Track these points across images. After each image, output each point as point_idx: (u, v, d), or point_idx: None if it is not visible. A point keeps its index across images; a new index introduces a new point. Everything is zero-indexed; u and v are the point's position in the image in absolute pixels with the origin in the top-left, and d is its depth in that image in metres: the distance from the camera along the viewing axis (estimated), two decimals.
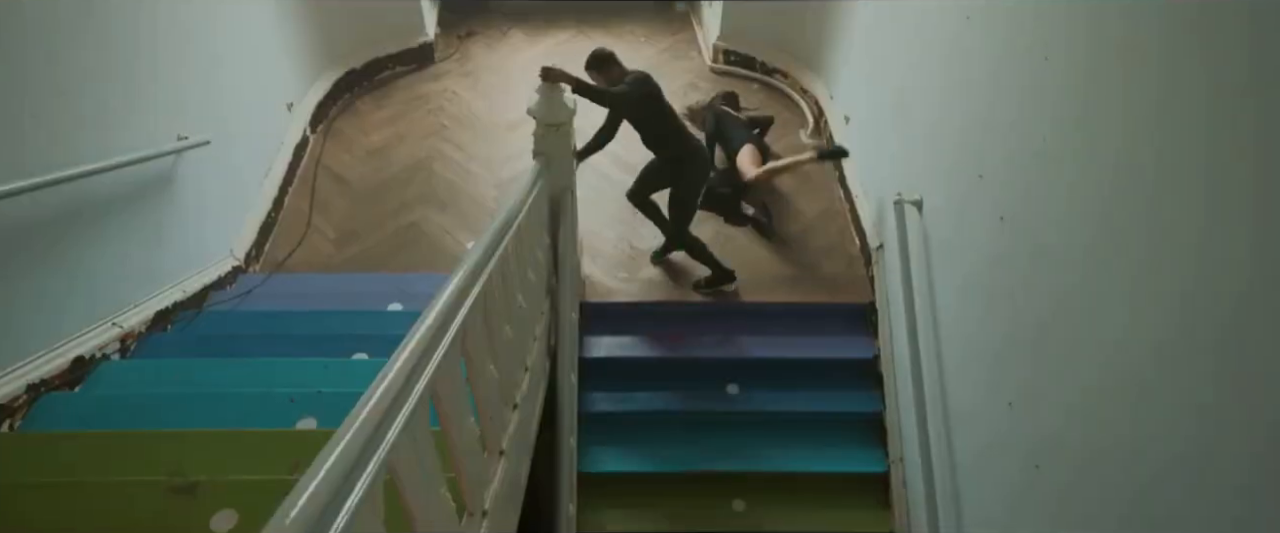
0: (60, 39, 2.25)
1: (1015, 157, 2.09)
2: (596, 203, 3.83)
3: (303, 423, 2.11)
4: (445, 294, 1.30)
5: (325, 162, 4.09)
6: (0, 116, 2.05)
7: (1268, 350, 1.22)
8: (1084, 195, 1.75)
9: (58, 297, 2.31)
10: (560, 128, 2.71)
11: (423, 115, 4.44)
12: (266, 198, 3.64)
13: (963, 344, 2.45)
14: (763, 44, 4.64)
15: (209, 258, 3.16)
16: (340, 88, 4.46)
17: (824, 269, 3.56)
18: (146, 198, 2.72)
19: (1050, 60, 1.88)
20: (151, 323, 2.70)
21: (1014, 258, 2.10)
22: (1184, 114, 1.41)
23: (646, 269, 3.54)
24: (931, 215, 2.72)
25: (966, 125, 2.44)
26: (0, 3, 2.02)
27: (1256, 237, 1.24)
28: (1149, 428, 1.52)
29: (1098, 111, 1.69)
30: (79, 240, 2.39)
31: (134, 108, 2.62)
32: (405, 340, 1.12)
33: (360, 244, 3.65)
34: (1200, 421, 1.38)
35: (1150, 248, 1.52)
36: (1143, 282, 1.55)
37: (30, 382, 2.16)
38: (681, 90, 4.70)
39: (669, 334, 3.38)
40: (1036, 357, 1.98)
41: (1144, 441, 1.53)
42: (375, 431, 0.92)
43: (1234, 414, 1.29)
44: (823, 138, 4.20)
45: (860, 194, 3.63)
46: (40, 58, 2.18)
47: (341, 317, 2.93)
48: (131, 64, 2.60)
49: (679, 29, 5.34)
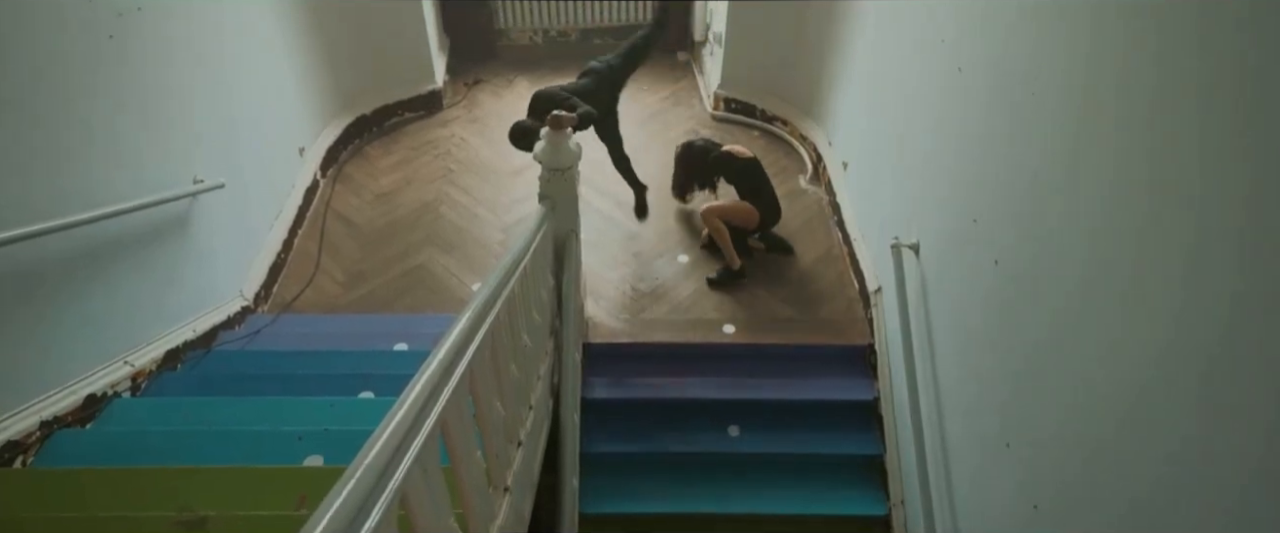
0: (89, 81, 2.35)
1: (1007, 202, 2.15)
2: (600, 245, 3.90)
3: (309, 460, 2.14)
4: (455, 331, 1.35)
5: (334, 205, 4.18)
6: (30, 157, 2.13)
7: (1252, 390, 1.27)
8: (1073, 240, 1.81)
9: (72, 335, 2.37)
10: (565, 173, 2.79)
11: (430, 160, 4.55)
12: (276, 239, 3.71)
13: (960, 386, 2.49)
14: (762, 92, 4.77)
15: (219, 298, 3.21)
16: (351, 133, 4.57)
17: (824, 311, 3.61)
18: (161, 238, 2.79)
19: (1039, 112, 1.96)
20: (162, 362, 2.75)
21: (1008, 301, 2.15)
22: (1171, 166, 1.47)
23: (649, 310, 3.60)
24: (928, 259, 2.77)
25: (960, 172, 2.51)
26: (34, 48, 2.12)
27: (1241, 282, 1.29)
28: (1144, 468, 1.56)
29: (1086, 161, 1.75)
30: (94, 279, 2.45)
31: (153, 150, 2.71)
32: (417, 375, 1.17)
33: (367, 285, 3.71)
34: (1194, 459, 1.41)
35: (1137, 293, 1.57)
36: (1130, 324, 1.59)
37: (43, 419, 2.20)
38: (683, 137, 4.80)
39: (671, 375, 3.41)
40: (1031, 398, 2.01)
41: (1140, 480, 1.56)
42: (390, 461, 0.96)
43: (1224, 452, 1.33)
44: (821, 183, 4.29)
45: (858, 238, 3.70)
46: (70, 98, 2.27)
47: (348, 357, 2.98)
48: (153, 107, 2.70)
49: (680, 77, 5.48)
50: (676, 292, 3.70)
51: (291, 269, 3.76)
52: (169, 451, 2.16)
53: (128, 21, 2.52)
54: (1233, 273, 1.30)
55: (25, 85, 2.10)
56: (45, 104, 2.18)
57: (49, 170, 2.21)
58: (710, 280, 3.70)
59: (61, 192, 2.25)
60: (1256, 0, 1.23)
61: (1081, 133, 1.76)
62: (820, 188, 4.29)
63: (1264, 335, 1.24)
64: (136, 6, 2.57)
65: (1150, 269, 1.53)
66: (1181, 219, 1.43)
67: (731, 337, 3.48)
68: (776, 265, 3.82)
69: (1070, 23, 1.83)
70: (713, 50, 4.97)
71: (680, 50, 5.68)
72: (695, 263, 3.86)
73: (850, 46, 3.85)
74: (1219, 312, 1.34)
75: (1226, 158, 1.31)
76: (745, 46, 4.60)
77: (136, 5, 2.57)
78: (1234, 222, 1.30)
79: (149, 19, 2.63)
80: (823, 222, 4.10)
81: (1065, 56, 1.84)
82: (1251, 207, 1.26)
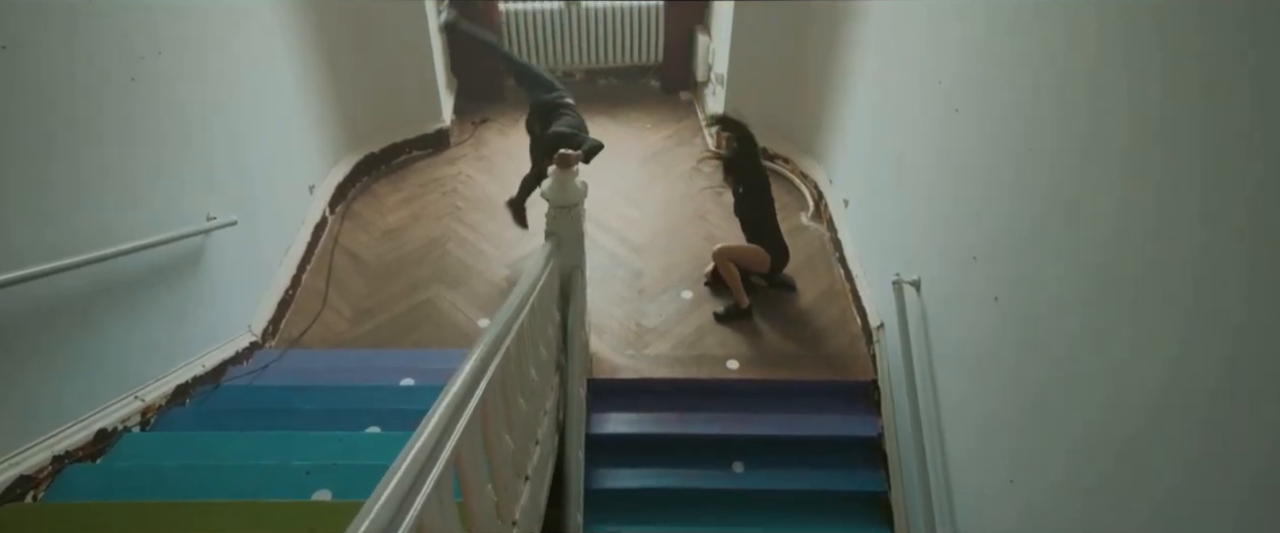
0: (110, 122, 2.42)
1: (1006, 239, 2.20)
2: (604, 282, 3.94)
3: (318, 495, 2.16)
4: (469, 365, 1.39)
5: (342, 241, 4.24)
6: (52, 195, 2.19)
7: (1249, 426, 1.29)
8: (1074, 278, 1.85)
9: (85, 370, 2.40)
10: (571, 210, 2.85)
11: (438, 197, 4.62)
12: (285, 275, 3.76)
13: (963, 422, 2.50)
14: (764, 131, 4.80)
15: (227, 333, 3.25)
16: (359, 171, 4.65)
17: (827, 347, 3.63)
18: (173, 275, 2.83)
19: (1037, 153, 2.01)
20: (171, 397, 2.77)
21: (1009, 338, 2.18)
22: (1173, 207, 1.51)
23: (653, 346, 3.62)
24: (930, 295, 2.81)
25: (960, 209, 2.56)
26: (60, 89, 2.19)
27: (1243, 317, 1.32)
28: (1144, 502, 1.58)
29: (1087, 201, 1.80)
30: (108, 314, 2.49)
31: (168, 188, 2.77)
32: (433, 407, 1.20)
33: (374, 321, 3.75)
34: (1193, 495, 1.43)
35: (1137, 332, 1.61)
36: (1132, 361, 1.63)
37: (55, 453, 2.23)
38: (686, 175, 4.89)
39: (675, 411, 3.43)
40: (1033, 434, 2.03)
41: (1139, 513, 1.58)
42: (408, 492, 0.99)
43: (1222, 488, 1.35)
44: (823, 220, 4.34)
45: (860, 274, 3.74)
46: (91, 138, 2.34)
47: (355, 392, 3.00)
48: (169, 146, 2.76)
49: (683, 116, 5.58)
50: (680, 327, 3.73)
51: (299, 305, 3.80)
52: (179, 485, 2.18)
53: (149, 64, 2.60)
54: (1234, 311, 1.34)
55: (50, 125, 2.16)
56: (68, 143, 2.24)
57: (68, 207, 2.26)
58: (717, 316, 3.74)
59: (78, 228, 2.30)
60: (1261, 53, 1.27)
61: (1083, 172, 1.80)
62: (822, 225, 4.35)
63: (1263, 372, 1.27)
64: (157, 50, 2.65)
65: (1150, 308, 1.57)
66: (1182, 260, 1.47)
67: (735, 372, 3.50)
68: (779, 301, 3.85)
69: (1066, 69, 1.90)
70: (715, 90, 5.07)
71: (682, 90, 5.79)
72: (698, 299, 3.89)
73: (850, 87, 3.94)
74: (1219, 350, 1.37)
75: (1228, 199, 1.35)
76: (747, 86, 4.70)
77: (157, 49, 2.65)
78: (1235, 263, 1.33)
79: (169, 61, 2.71)
80: (825, 258, 4.14)
81: (1063, 100, 1.90)
82: (1252, 248, 1.29)
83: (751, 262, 3.71)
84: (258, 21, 3.47)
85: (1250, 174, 1.29)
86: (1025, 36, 2.11)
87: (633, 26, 5.42)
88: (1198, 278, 1.42)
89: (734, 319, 3.72)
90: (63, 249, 2.19)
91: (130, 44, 2.50)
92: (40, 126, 2.13)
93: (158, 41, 2.64)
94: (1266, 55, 1.25)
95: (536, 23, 5.31)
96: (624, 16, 5.36)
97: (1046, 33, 1.98)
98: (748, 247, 3.70)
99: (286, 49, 3.77)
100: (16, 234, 2.07)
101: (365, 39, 4.39)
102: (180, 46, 2.79)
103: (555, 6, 5.26)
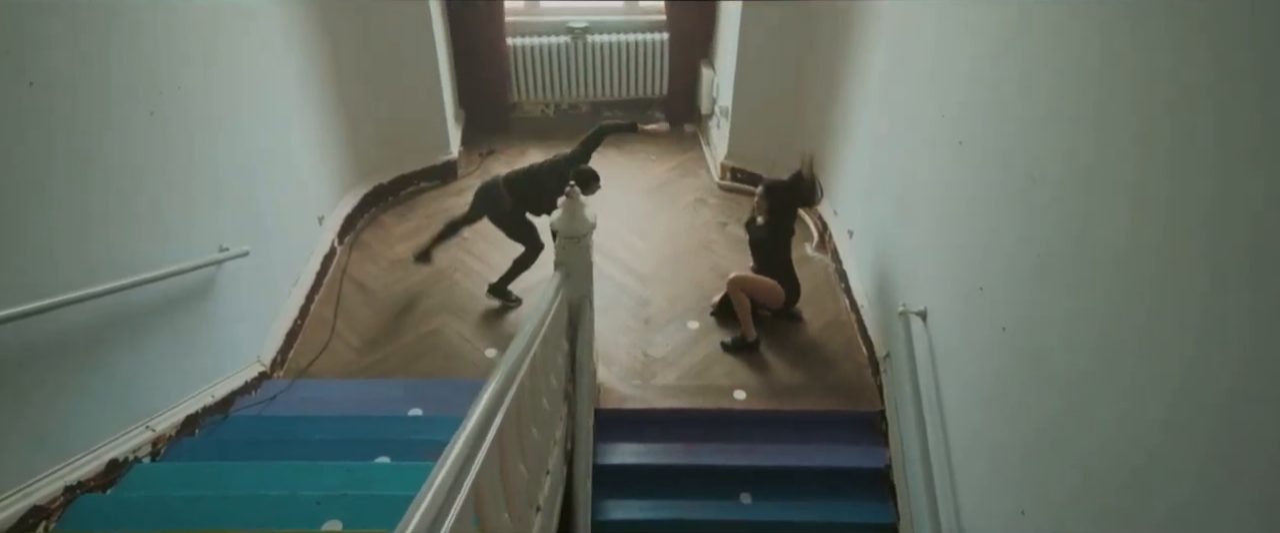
0: (129, 155, 2.46)
1: (1013, 270, 2.22)
2: (610, 311, 3.96)
3: (328, 525, 2.16)
4: (486, 395, 1.40)
5: (351, 271, 4.27)
6: (75, 226, 2.23)
7: (1258, 454, 1.31)
8: (1081, 307, 1.87)
9: (96, 400, 2.42)
10: (580, 240, 2.88)
11: None
12: (293, 306, 3.78)
13: (972, 453, 2.50)
14: (768, 162, 4.89)
15: (236, 363, 3.26)
16: (368, 202, 4.70)
17: (833, 377, 3.64)
18: (185, 305, 2.86)
19: (1043, 186, 2.04)
20: (181, 427, 2.78)
21: (1016, 368, 2.19)
22: (1179, 240, 1.53)
23: (660, 376, 3.63)
24: (936, 326, 2.83)
25: (966, 241, 2.59)
26: (83, 123, 2.24)
27: (1250, 348, 1.34)
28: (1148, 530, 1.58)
29: (1093, 232, 1.82)
30: (119, 345, 2.51)
31: (183, 219, 2.81)
32: (454, 438, 1.22)
33: (382, 351, 3.76)
34: (1202, 524, 1.44)
35: (1144, 362, 1.63)
36: (1138, 391, 1.64)
37: (67, 484, 2.23)
38: (691, 205, 4.94)
39: (682, 441, 3.42)
40: (1043, 464, 2.04)
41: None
42: (434, 521, 1.01)
43: (1229, 517, 1.36)
44: (827, 251, 4.38)
45: (865, 304, 3.76)
46: (111, 171, 2.38)
47: (364, 422, 3.01)
48: (185, 178, 2.80)
49: (687, 148, 5.65)
50: (687, 357, 3.74)
51: (307, 335, 3.82)
52: (190, 516, 2.18)
53: (167, 98, 2.65)
54: (1240, 341, 1.36)
55: (74, 158, 2.21)
56: (90, 176, 2.29)
57: (87, 238, 2.30)
58: (724, 345, 3.75)
59: (96, 259, 2.33)
60: (1271, 80, 1.29)
61: (1089, 202, 1.82)
62: (826, 255, 4.38)
63: (1270, 401, 1.29)
64: (176, 85, 2.71)
65: (1157, 337, 1.58)
66: (1189, 289, 1.49)
67: (742, 403, 3.51)
68: (786, 331, 3.87)
69: (1072, 99, 1.94)
70: (719, 122, 5.14)
71: (686, 122, 5.86)
72: (705, 329, 3.91)
73: (853, 119, 4.00)
74: (1225, 381, 1.39)
75: (1235, 230, 1.37)
76: (751, 119, 4.77)
77: (176, 84, 2.71)
78: (1241, 293, 1.35)
79: (186, 96, 2.76)
80: (830, 288, 4.17)
81: (1070, 131, 1.93)
82: (1258, 278, 1.31)
83: (765, 295, 3.73)
84: (272, 55, 3.54)
85: (1259, 207, 1.31)
86: (1029, 69, 2.15)
87: (638, 60, 5.51)
88: (1204, 307, 1.44)
89: (741, 351, 3.73)
90: (80, 280, 2.22)
91: (151, 79, 2.56)
92: (65, 159, 2.18)
93: (177, 76, 2.70)
94: (1276, 83, 1.27)
95: (544, 57, 5.40)
96: (629, 51, 5.45)
97: (1051, 65, 2.02)
98: (763, 280, 3.72)
99: (300, 83, 3.84)
100: (38, 265, 2.10)
101: (376, 72, 4.46)
102: (197, 81, 2.85)
103: (562, 41, 5.35)
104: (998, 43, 2.35)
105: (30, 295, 2.02)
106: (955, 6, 2.69)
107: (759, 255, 3.82)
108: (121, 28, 2.41)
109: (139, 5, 2.49)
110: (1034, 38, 2.12)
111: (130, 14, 2.46)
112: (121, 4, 2.41)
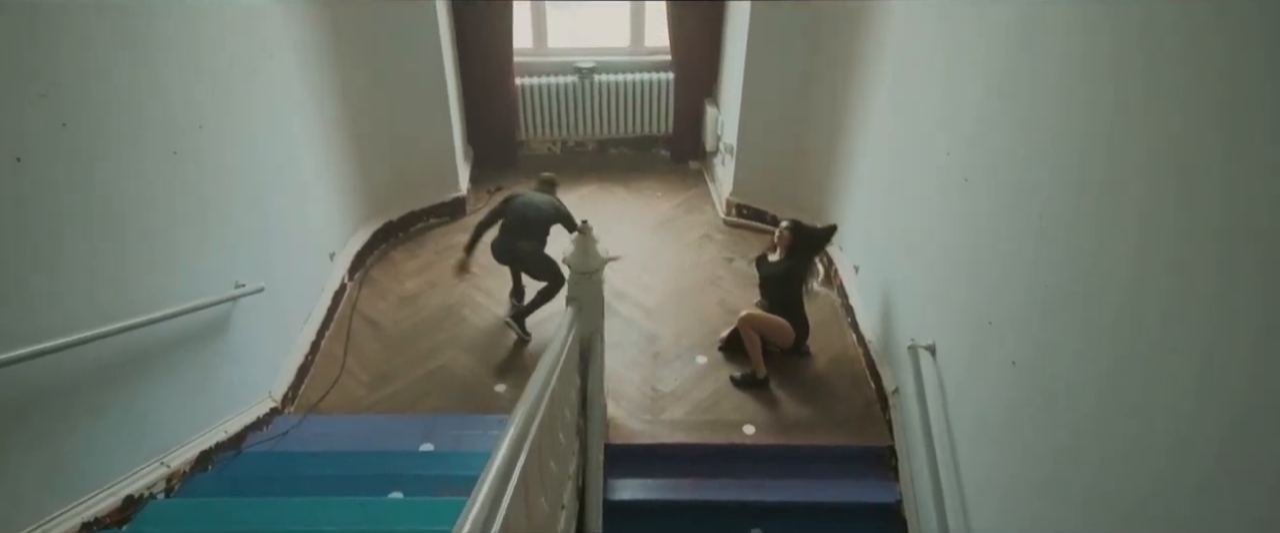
0: (152, 193, 2.51)
1: (1022, 304, 2.25)
2: (619, 346, 3.99)
3: None
4: (511, 430, 1.43)
5: (360, 307, 4.30)
6: (101, 264, 2.28)
7: (1262, 487, 1.33)
8: (1090, 340, 1.90)
9: (113, 437, 2.43)
10: (592, 276, 2.92)
11: (453, 264, 4.69)
12: (304, 342, 3.81)
13: (983, 488, 2.51)
14: (773, 198, 4.97)
15: (249, 399, 3.28)
16: (377, 238, 4.75)
17: (842, 412, 3.65)
18: (198, 341, 2.88)
19: (1051, 222, 2.08)
20: (195, 463, 2.79)
21: (1027, 402, 2.22)
22: (1186, 277, 1.57)
23: (669, 411, 3.64)
24: (945, 360, 2.85)
25: (973, 275, 2.62)
26: (110, 164, 2.30)
27: (1256, 381, 1.37)
28: None
29: (1102, 260, 1.85)
30: (134, 381, 2.53)
31: (201, 256, 2.85)
32: (485, 471, 1.24)
33: (391, 386, 3.78)
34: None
35: (1151, 397, 1.65)
36: (1144, 424, 1.66)
37: (84, 520, 2.24)
38: (697, 241, 4.99)
39: (692, 477, 3.42)
40: (1054, 499, 2.05)
41: None
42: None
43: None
44: (833, 286, 4.41)
45: (873, 339, 3.78)
46: (136, 209, 2.43)
47: (376, 457, 3.02)
48: (204, 216, 2.85)
49: (692, 185, 5.72)
50: (696, 392, 3.76)
51: (318, 371, 3.84)
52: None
53: (190, 138, 2.71)
54: (1247, 375, 1.39)
55: (101, 197, 2.26)
56: (116, 214, 2.33)
57: (113, 274, 2.34)
58: (733, 380, 3.77)
59: (119, 295, 2.37)
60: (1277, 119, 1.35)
61: (1099, 237, 1.86)
62: (832, 290, 4.41)
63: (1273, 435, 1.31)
64: (198, 125, 2.77)
65: (1166, 370, 1.61)
66: (1197, 322, 1.52)
67: (751, 437, 3.51)
68: (793, 366, 3.89)
69: (1082, 133, 1.99)
70: (724, 159, 5.22)
71: (692, 160, 5.94)
72: (713, 364, 3.93)
73: (857, 157, 4.07)
74: (1230, 414, 1.42)
75: (1244, 265, 1.40)
76: (755, 156, 4.85)
77: (198, 123, 2.77)
78: (1250, 327, 1.38)
79: (208, 136, 2.82)
80: (837, 323, 4.19)
81: (1079, 167, 1.98)
82: (1268, 314, 1.35)
83: (776, 334, 3.76)
84: (290, 98, 3.62)
85: (1268, 242, 1.35)
86: (1034, 105, 2.21)
87: (644, 99, 5.61)
88: (1213, 340, 1.47)
89: (750, 386, 3.75)
90: (105, 316, 2.25)
91: (176, 119, 2.63)
92: (94, 198, 2.23)
93: (200, 116, 2.77)
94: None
95: (551, 96, 5.50)
96: (635, 90, 5.56)
97: (1057, 101, 2.07)
98: (775, 319, 3.75)
99: (314, 121, 3.91)
100: (67, 299, 2.14)
101: (388, 113, 4.55)
102: (218, 121, 2.91)
103: (570, 81, 5.46)
104: (1002, 80, 2.42)
105: (58, 330, 2.05)
106: (959, 45, 2.77)
107: (769, 293, 3.85)
108: (151, 68, 2.49)
109: (166, 45, 2.57)
110: (1039, 77, 2.18)
111: (159, 53, 2.53)
112: (150, 43, 2.48)
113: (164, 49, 2.56)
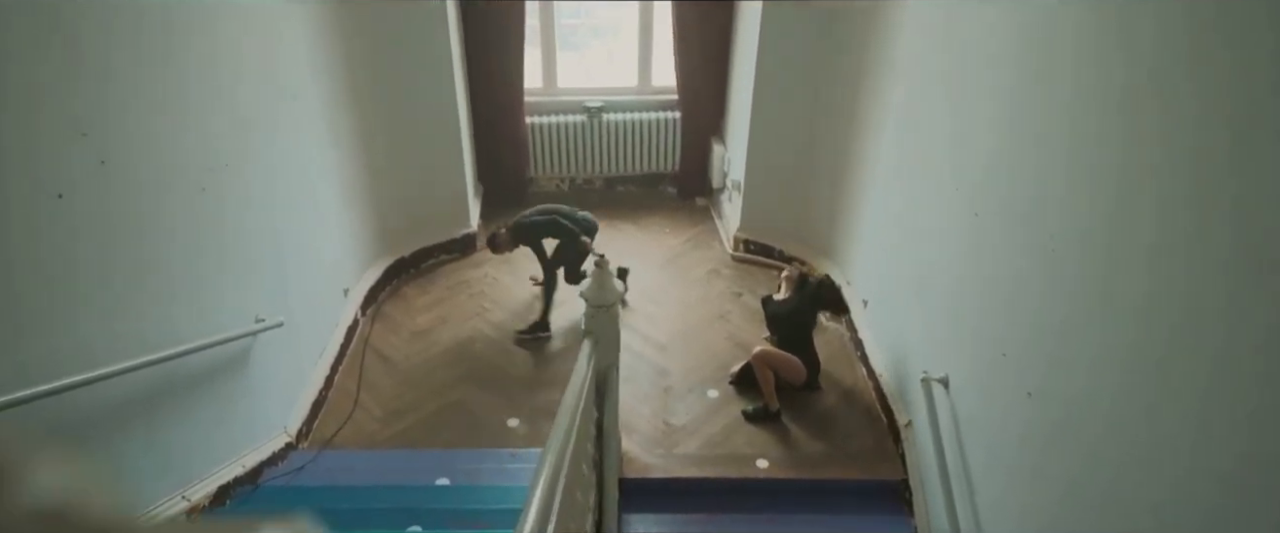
0: (180, 231, 2.57)
1: (1036, 336, 2.29)
2: (632, 379, 4.01)
3: None
4: (548, 461, 1.46)
5: (373, 342, 4.33)
6: (131, 299, 2.32)
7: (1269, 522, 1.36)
8: (1105, 370, 1.93)
9: (137, 469, 2.45)
10: (608, 309, 2.96)
11: (465, 299, 4.75)
12: (319, 377, 3.83)
13: (1000, 521, 2.52)
14: (780, 234, 5.04)
15: (265, 434, 3.29)
16: (390, 274, 4.80)
17: (854, 446, 3.66)
18: (219, 375, 2.92)
19: (1063, 255, 2.14)
20: (214, 498, 2.80)
21: (1043, 434, 2.24)
22: (1197, 311, 1.62)
23: (682, 445, 3.65)
24: (959, 393, 2.88)
25: (985, 307, 2.66)
26: (143, 202, 2.35)
27: (1265, 412, 1.41)
28: None
29: (1115, 289, 1.90)
30: (156, 414, 2.56)
31: (224, 291, 2.90)
32: (527, 504, 1.27)
33: (404, 421, 3.79)
34: None
35: (1162, 427, 1.69)
36: (1153, 449, 1.69)
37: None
38: (705, 277, 5.04)
39: (706, 512, 3.42)
40: (1070, 528, 2.06)
41: None
42: None
43: None
44: (841, 320, 4.45)
45: (883, 373, 3.81)
46: (164, 246, 2.48)
47: (393, 491, 3.03)
48: (227, 253, 2.91)
49: (700, 221, 5.79)
50: (708, 426, 3.77)
51: (332, 406, 3.86)
52: None
53: (216, 176, 2.78)
54: (1257, 400, 1.43)
55: (133, 234, 2.32)
56: (148, 250, 2.39)
57: (144, 308, 2.39)
58: (746, 414, 3.78)
59: (148, 328, 2.41)
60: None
61: (1111, 267, 1.91)
62: (841, 323, 4.45)
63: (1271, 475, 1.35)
64: (224, 163, 2.84)
65: (1177, 403, 1.65)
66: (1211, 354, 1.57)
67: (765, 471, 3.52)
68: (805, 400, 3.90)
69: (1090, 164, 2.05)
70: (731, 195, 5.29)
71: (698, 196, 6.03)
72: (724, 398, 3.95)
73: (864, 192, 4.14)
74: (1241, 445, 1.45)
75: (1256, 293, 1.45)
76: (762, 192, 4.92)
77: (224, 162, 2.84)
78: (1266, 359, 1.42)
79: (233, 174, 2.89)
80: (847, 357, 4.22)
81: (1086, 202, 2.04)
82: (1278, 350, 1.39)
83: (788, 372, 3.79)
84: (310, 138, 3.70)
85: None
86: (1044, 137, 2.27)
87: (651, 137, 5.71)
88: (1228, 368, 1.51)
89: (763, 420, 3.76)
90: (133, 349, 2.29)
91: (206, 157, 2.70)
92: (127, 234, 2.28)
93: (226, 153, 2.84)
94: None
95: (560, 135, 5.61)
96: (643, 128, 5.66)
97: (1068, 133, 2.13)
98: (788, 356, 3.79)
99: (336, 162, 4.00)
100: (97, 334, 2.18)
101: (402, 151, 4.64)
102: (242, 159, 2.98)
103: (578, 120, 5.56)
104: (1012, 113, 2.48)
105: (89, 364, 2.09)
106: (968, 79, 2.84)
107: (778, 330, 3.89)
108: (185, 109, 2.56)
109: (200, 88, 2.65)
110: (1048, 110, 2.24)
111: (194, 97, 2.61)
112: (188, 89, 2.56)
113: (198, 93, 2.64)
